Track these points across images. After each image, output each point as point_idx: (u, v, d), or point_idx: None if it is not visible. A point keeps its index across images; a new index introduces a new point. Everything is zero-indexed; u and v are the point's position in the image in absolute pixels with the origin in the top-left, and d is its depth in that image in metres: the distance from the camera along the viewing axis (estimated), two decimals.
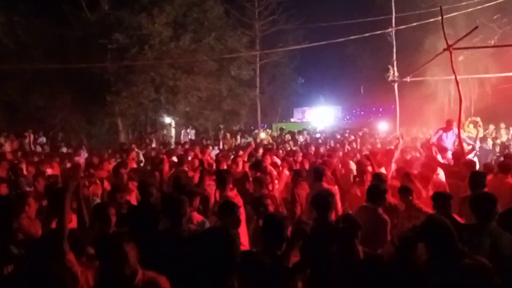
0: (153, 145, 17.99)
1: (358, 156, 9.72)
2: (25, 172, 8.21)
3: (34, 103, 17.80)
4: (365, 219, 4.44)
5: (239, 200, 5.34)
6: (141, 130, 21.21)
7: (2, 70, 15.93)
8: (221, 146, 16.58)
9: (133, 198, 5.96)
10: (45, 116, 18.63)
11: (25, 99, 17.67)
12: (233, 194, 5.56)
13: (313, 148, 11.88)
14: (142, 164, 10.75)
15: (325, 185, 6.09)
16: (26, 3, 17.48)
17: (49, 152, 14.62)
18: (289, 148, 13.58)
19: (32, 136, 18.68)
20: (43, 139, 19.79)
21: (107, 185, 6.81)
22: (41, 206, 5.38)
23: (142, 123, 21.41)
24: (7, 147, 17.02)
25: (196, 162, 7.89)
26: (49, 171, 8.67)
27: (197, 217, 4.77)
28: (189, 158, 8.74)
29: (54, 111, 18.47)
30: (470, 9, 14.05)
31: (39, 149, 17.93)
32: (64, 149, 16.60)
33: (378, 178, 5.73)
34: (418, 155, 9.01)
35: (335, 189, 6.05)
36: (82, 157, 12.22)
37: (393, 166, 7.27)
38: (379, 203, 4.80)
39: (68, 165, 9.98)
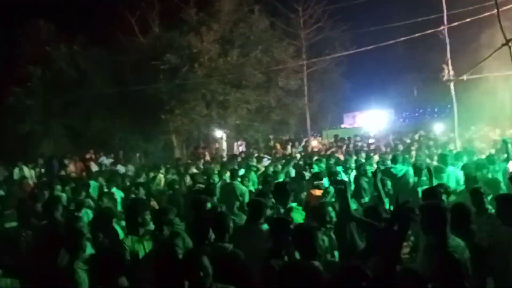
0: (207, 158, 18.44)
1: None
2: None
3: (95, 126, 18.87)
4: None
5: None
6: (196, 145, 21.78)
7: (66, 98, 17.10)
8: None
9: None
10: (105, 138, 19.68)
11: (87, 124, 18.77)
12: None
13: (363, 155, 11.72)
14: None
15: None
16: (84, 33, 18.68)
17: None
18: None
19: (94, 157, 19.80)
20: (103, 159, 20.87)
21: None
22: None
23: (195, 138, 21.98)
24: (72, 168, 18.18)
25: None
26: None
27: None
28: None
29: (114, 132, 19.46)
30: None
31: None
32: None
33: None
34: None
35: None
36: None
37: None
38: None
39: None
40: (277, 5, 21.94)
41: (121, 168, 16.60)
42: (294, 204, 5.69)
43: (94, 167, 17.30)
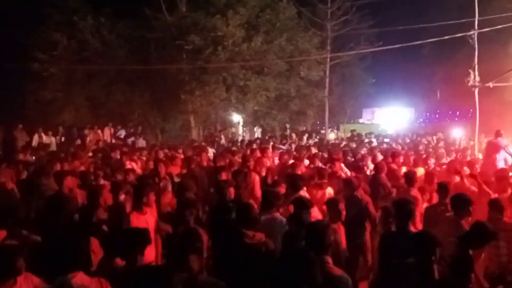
0: (222, 142, 18.63)
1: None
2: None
3: (116, 99, 19.15)
4: (445, 229, 4.60)
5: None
6: (211, 127, 21.95)
7: (90, 69, 17.34)
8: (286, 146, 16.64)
9: None
10: (125, 112, 19.98)
11: (108, 96, 19.07)
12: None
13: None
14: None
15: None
16: (112, 5, 18.84)
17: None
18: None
19: (112, 129, 20.17)
20: (122, 132, 21.21)
21: None
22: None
23: (212, 121, 22.16)
24: (89, 139, 18.61)
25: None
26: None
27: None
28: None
29: (133, 107, 19.74)
30: None
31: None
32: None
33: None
34: None
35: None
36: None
37: None
38: (462, 215, 4.77)
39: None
40: None
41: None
42: None
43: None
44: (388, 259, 3.96)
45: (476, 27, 12.56)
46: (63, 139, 18.03)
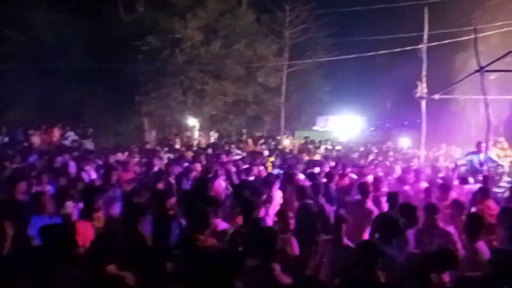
0: (177, 146, 18.31)
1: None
2: None
3: (68, 99, 18.38)
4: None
5: None
6: (166, 131, 21.58)
7: (41, 66, 16.54)
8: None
9: None
10: (76, 112, 19.20)
11: (59, 95, 18.27)
12: None
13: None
14: None
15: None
16: (67, 2, 18.11)
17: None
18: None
19: (61, 131, 19.29)
20: (71, 134, 20.33)
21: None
22: None
23: (167, 124, 21.78)
24: (36, 140, 17.69)
25: None
26: None
27: (222, 224, 4.96)
28: None
29: (85, 107, 19.02)
30: (504, 29, 13.83)
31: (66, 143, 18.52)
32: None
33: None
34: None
35: None
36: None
37: None
38: (410, 223, 4.79)
39: None
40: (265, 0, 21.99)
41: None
42: None
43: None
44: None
45: (425, 41, 13.21)
46: (6, 139, 17.05)
